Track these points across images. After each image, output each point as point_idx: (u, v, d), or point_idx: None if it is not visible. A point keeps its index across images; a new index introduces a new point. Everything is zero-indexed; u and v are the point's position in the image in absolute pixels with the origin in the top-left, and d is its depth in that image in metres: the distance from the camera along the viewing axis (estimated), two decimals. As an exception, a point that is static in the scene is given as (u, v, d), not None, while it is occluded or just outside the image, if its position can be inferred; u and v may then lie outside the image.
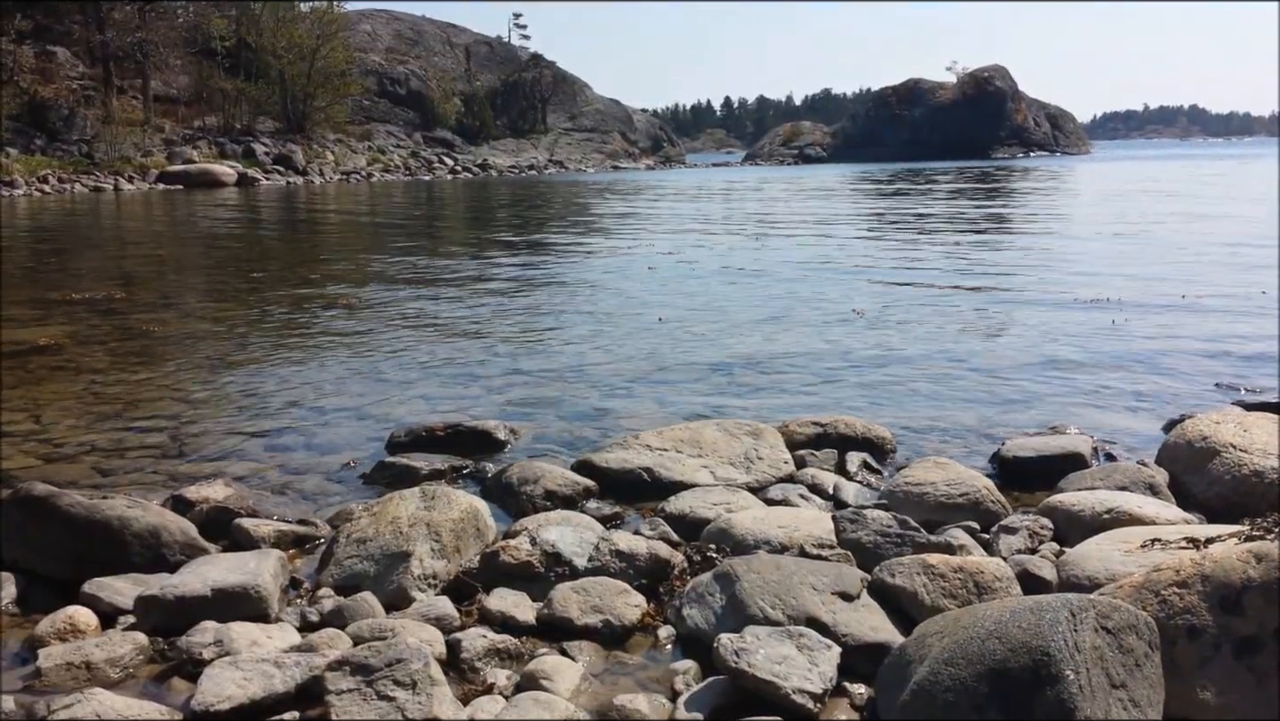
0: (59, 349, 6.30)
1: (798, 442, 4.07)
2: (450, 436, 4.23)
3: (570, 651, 2.46)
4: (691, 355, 6.00)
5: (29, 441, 4.30)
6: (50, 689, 2.28)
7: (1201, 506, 3.33)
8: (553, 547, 2.87)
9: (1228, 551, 2.15)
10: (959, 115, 67.59)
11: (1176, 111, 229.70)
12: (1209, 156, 60.94)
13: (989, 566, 2.60)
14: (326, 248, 14.68)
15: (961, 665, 1.89)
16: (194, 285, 10.16)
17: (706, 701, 2.17)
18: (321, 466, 4.01)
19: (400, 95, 56.77)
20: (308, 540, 3.22)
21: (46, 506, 2.95)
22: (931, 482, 3.35)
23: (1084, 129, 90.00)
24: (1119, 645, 1.90)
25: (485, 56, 66.34)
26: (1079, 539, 2.92)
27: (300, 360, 6.01)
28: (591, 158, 63.45)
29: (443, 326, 7.15)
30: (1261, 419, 3.67)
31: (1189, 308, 7.34)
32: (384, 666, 2.15)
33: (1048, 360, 5.69)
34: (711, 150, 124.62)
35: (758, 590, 2.49)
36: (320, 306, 8.18)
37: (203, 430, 4.53)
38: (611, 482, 3.67)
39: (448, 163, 52.04)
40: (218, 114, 44.49)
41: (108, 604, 2.68)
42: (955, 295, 8.22)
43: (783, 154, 72.95)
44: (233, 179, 35.71)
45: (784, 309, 7.69)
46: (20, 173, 30.82)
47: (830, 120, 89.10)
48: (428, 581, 2.81)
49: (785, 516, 3.14)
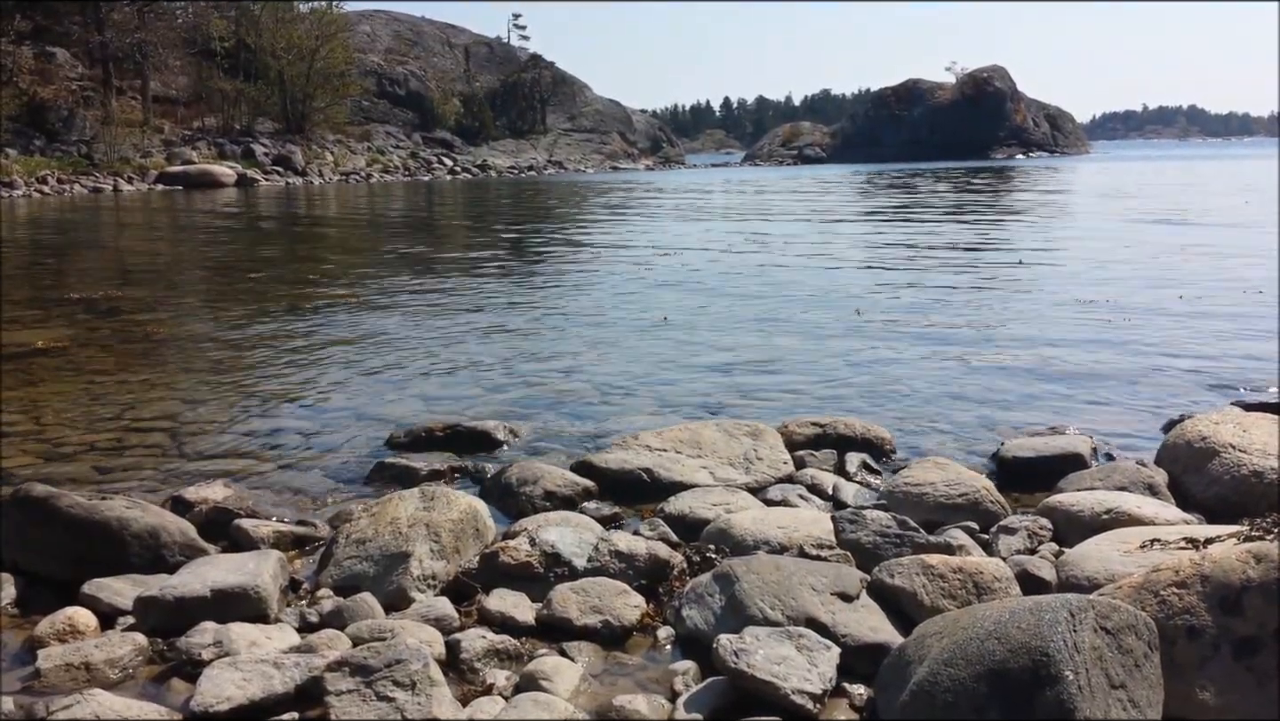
0: (58, 349, 6.30)
1: (797, 443, 4.07)
2: (449, 436, 4.23)
3: (570, 652, 2.46)
4: (691, 355, 6.00)
5: (28, 441, 4.30)
6: (49, 689, 2.28)
7: (1201, 507, 3.32)
8: (552, 548, 2.87)
9: (1227, 552, 2.15)
10: (958, 116, 67.62)
11: (1175, 112, 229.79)
12: (1207, 157, 60.98)
13: (988, 567, 2.60)
14: (326, 248, 14.68)
15: (961, 665, 1.89)
16: (193, 286, 10.16)
17: (706, 702, 2.17)
18: (321, 467, 4.01)
19: (399, 96, 56.76)
20: (307, 541, 3.22)
21: (46, 507, 2.95)
22: (931, 483, 3.35)
23: (1083, 129, 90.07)
24: (1118, 645, 1.90)
25: (484, 57, 66.34)
26: (1078, 539, 2.92)
27: (299, 360, 6.01)
28: (591, 158, 63.44)
29: (442, 326, 7.15)
30: (1261, 419, 3.67)
31: (1188, 308, 7.34)
32: (383, 667, 2.15)
33: (1047, 360, 5.69)
34: (711, 151, 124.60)
35: (757, 591, 2.49)
36: (319, 307, 8.18)
37: (202, 430, 4.53)
38: (611, 483, 3.67)
39: (447, 163, 52.03)
40: (217, 115, 44.51)
41: (107, 604, 2.68)
42: (954, 295, 8.23)
43: (782, 154, 72.96)
44: (232, 180, 35.71)
45: (783, 308, 7.69)
46: (19, 174, 30.81)
47: (829, 121, 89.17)
48: (427, 582, 2.81)
49: (784, 517, 3.15)
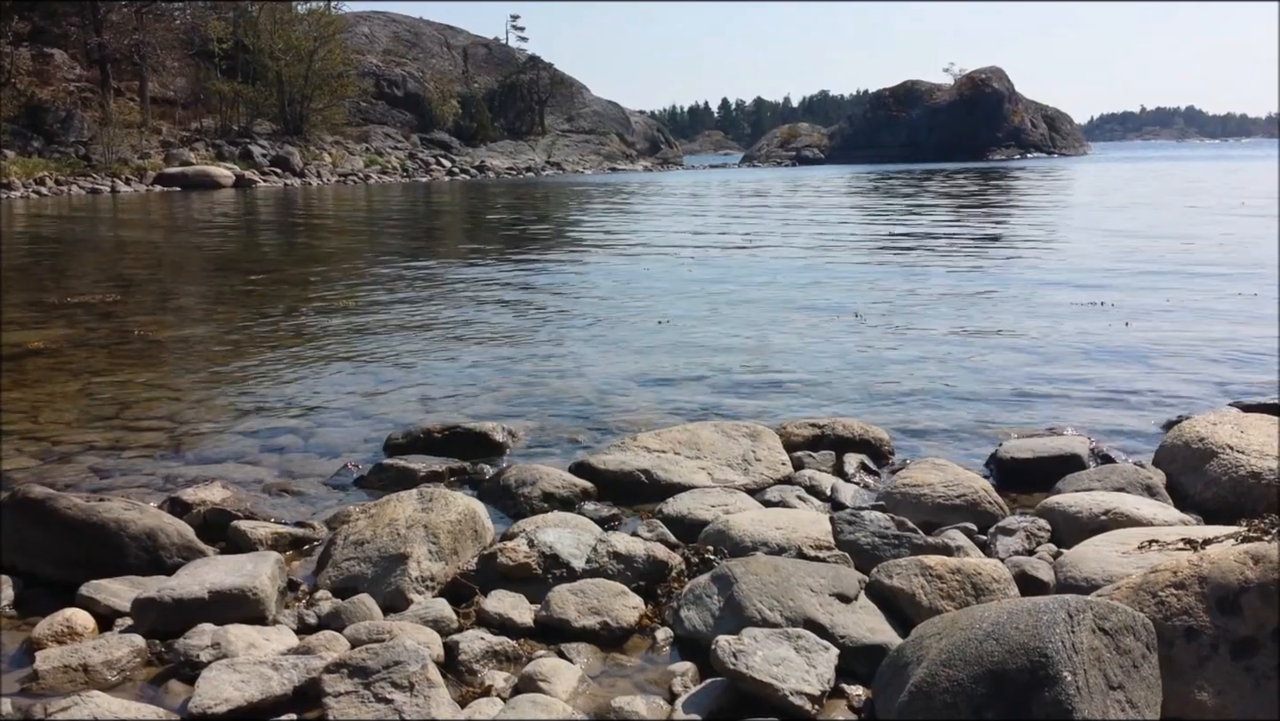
0: (56, 351, 6.30)
1: (795, 444, 4.07)
2: (448, 438, 4.23)
3: (568, 653, 2.46)
4: (689, 356, 6.00)
5: (26, 443, 4.29)
6: (47, 691, 2.28)
7: (1199, 507, 3.32)
8: (550, 549, 2.87)
9: (1225, 552, 2.16)
10: (956, 117, 67.62)
11: (1173, 113, 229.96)
12: (1206, 158, 61.03)
13: (986, 568, 2.60)
14: (324, 249, 14.68)
15: (959, 666, 1.89)
16: (191, 287, 10.16)
17: (704, 703, 2.17)
18: (319, 468, 4.01)
19: (398, 97, 56.75)
20: (305, 542, 3.22)
21: (44, 509, 2.95)
22: (929, 484, 3.35)
23: (1081, 130, 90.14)
24: (1116, 646, 1.90)
25: (483, 58, 66.34)
26: (1076, 540, 2.92)
27: (297, 361, 6.01)
28: (589, 159, 63.45)
29: (440, 327, 7.15)
30: (1259, 420, 3.67)
31: (1186, 308, 7.34)
32: (382, 668, 2.15)
33: (1045, 361, 5.69)
34: (709, 152, 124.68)
35: (755, 592, 2.49)
36: (317, 308, 8.18)
37: (200, 432, 4.53)
38: (609, 484, 3.67)
39: (445, 164, 52.04)
40: (215, 116, 44.52)
41: (105, 606, 2.68)
42: (953, 296, 8.23)
43: (780, 155, 72.97)
44: (230, 181, 35.72)
45: (782, 310, 7.69)
46: (17, 175, 30.81)
47: (827, 122, 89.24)
48: (425, 583, 2.81)
49: (783, 518, 3.14)
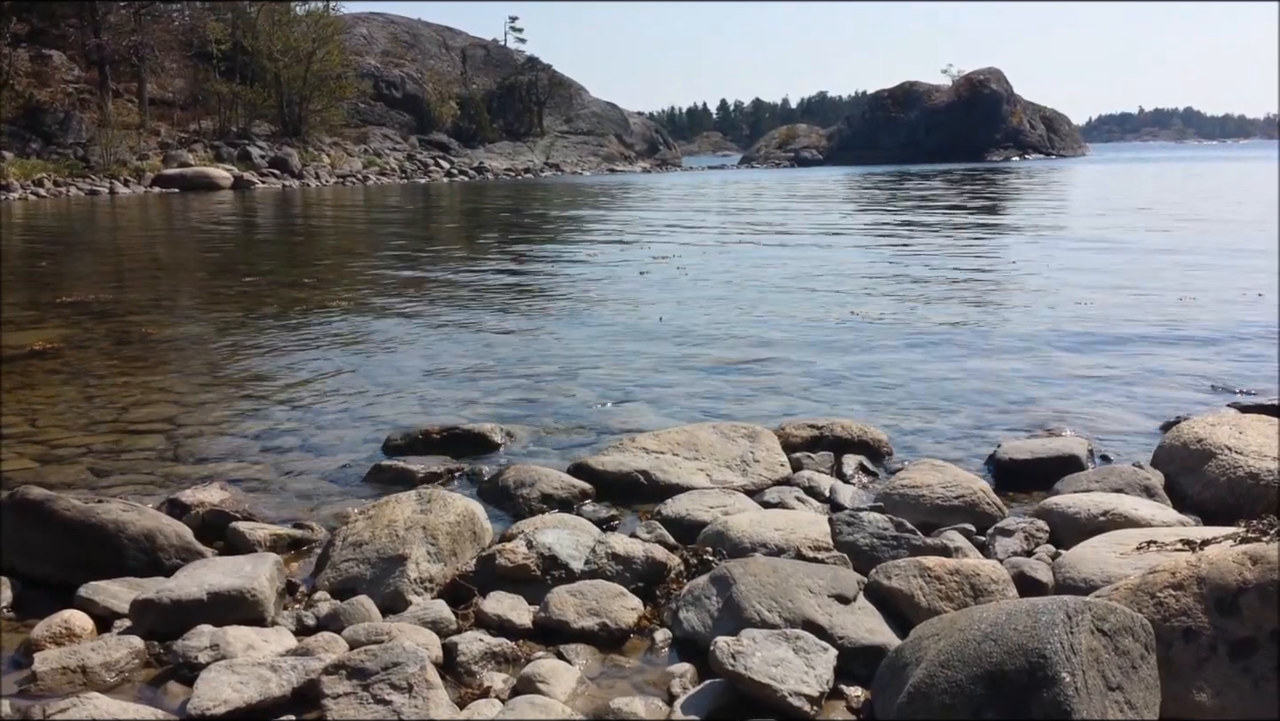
0: (55, 352, 6.29)
1: (794, 445, 4.07)
2: (446, 439, 4.23)
3: (567, 654, 2.46)
4: (688, 357, 6.00)
5: (25, 444, 4.29)
6: (46, 693, 2.27)
7: (1197, 508, 3.33)
8: (549, 550, 2.87)
9: (1223, 553, 2.16)
10: (954, 118, 67.68)
11: (1171, 114, 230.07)
12: (1205, 159, 61.08)
13: (985, 569, 2.60)
14: (322, 250, 14.67)
15: (958, 667, 1.89)
16: (189, 288, 10.15)
17: (703, 704, 2.16)
18: (318, 469, 4.01)
19: (396, 98, 56.73)
20: (304, 543, 3.22)
21: (42, 510, 2.95)
22: (928, 485, 3.35)
23: (1079, 131, 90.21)
24: (1115, 647, 1.90)
25: (481, 59, 66.31)
26: (1075, 541, 2.92)
27: (296, 363, 6.00)
28: (587, 160, 63.45)
29: (438, 328, 7.15)
30: (1257, 421, 3.67)
31: (1185, 308, 7.35)
32: (380, 670, 2.14)
33: (1043, 362, 5.70)
34: (707, 153, 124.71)
35: (754, 593, 2.48)
36: (316, 309, 8.17)
37: (198, 433, 4.52)
38: (608, 485, 3.67)
39: (444, 165, 52.02)
40: (213, 117, 44.50)
41: (103, 608, 2.67)
42: (951, 297, 8.24)
43: (778, 156, 73.01)
44: (228, 182, 35.68)
45: (781, 310, 7.69)
46: (16, 176, 30.78)
47: (826, 123, 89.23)
48: (424, 584, 2.80)
49: (782, 519, 3.14)
